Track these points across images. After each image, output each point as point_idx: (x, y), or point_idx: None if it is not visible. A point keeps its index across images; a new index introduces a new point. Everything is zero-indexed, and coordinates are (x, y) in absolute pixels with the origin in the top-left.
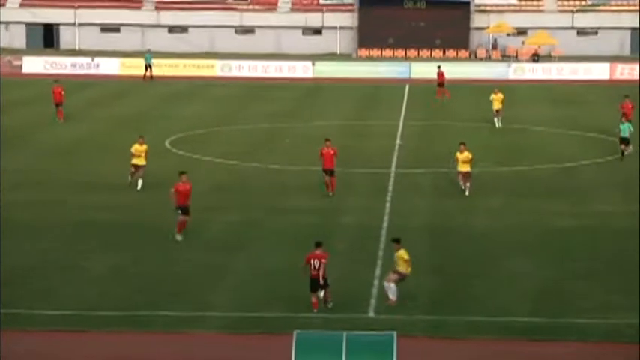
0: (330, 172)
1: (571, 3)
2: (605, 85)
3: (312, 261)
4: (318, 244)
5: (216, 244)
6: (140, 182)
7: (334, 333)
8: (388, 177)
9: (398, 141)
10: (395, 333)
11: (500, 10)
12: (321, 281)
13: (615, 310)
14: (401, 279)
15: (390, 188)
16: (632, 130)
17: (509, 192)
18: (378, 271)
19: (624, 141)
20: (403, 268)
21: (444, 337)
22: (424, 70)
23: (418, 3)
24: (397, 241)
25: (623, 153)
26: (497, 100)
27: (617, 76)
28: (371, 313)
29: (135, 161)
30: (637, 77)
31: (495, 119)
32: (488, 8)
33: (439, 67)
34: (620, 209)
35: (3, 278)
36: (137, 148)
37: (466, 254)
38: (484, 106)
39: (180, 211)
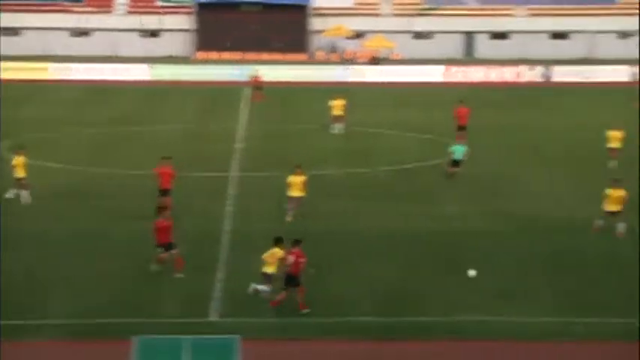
0: (165, 192)
1: (407, 7)
2: (439, 87)
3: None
4: (296, 242)
5: (48, 253)
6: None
7: (175, 338)
8: (227, 180)
9: (238, 144)
10: (238, 337)
11: (337, 13)
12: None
13: (461, 308)
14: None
15: (230, 192)
16: (466, 152)
17: (352, 195)
18: (219, 275)
19: (456, 164)
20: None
21: (292, 339)
22: (263, 73)
23: (254, 6)
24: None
25: (448, 174)
26: (337, 106)
27: (452, 78)
28: (214, 317)
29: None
30: (470, 80)
31: (332, 125)
32: (325, 12)
33: (257, 70)
34: (463, 210)
35: None
36: (17, 159)
37: (311, 258)
38: (325, 109)
39: (163, 249)
